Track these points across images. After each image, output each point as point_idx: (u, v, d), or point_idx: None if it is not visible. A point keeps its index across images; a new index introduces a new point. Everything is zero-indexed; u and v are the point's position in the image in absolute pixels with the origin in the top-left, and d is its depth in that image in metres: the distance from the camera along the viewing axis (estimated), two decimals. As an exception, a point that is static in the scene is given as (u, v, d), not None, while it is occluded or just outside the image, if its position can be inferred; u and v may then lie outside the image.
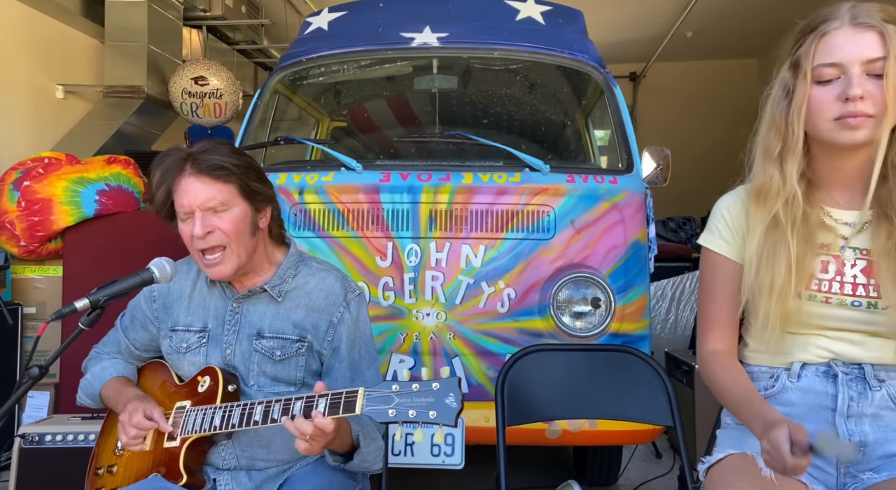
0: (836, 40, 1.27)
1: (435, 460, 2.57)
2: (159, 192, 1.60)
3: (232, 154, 1.58)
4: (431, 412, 1.30)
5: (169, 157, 1.58)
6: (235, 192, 1.57)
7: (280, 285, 1.66)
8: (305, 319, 1.65)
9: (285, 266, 1.69)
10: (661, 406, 2.02)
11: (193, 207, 1.55)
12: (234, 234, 1.57)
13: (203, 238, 1.55)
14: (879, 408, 1.30)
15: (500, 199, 2.70)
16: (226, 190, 1.56)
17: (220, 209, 1.56)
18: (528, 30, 3.22)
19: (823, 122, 1.27)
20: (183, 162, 1.56)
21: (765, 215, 1.32)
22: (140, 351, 1.81)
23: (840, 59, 1.26)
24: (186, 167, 1.56)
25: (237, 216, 1.57)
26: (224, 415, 1.53)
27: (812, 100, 1.28)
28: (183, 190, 1.55)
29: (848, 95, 1.23)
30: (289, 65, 3.23)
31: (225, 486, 1.61)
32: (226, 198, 1.56)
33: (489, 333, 2.66)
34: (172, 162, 1.57)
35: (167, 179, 1.58)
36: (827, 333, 1.33)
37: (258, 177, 1.64)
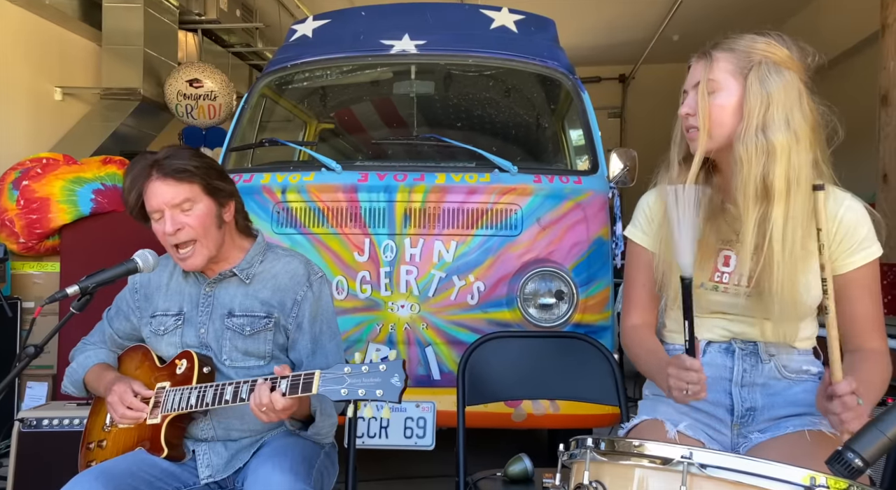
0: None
1: (407, 442, 2.75)
2: (131, 196, 1.77)
3: (193, 157, 1.76)
4: (378, 391, 1.47)
5: (137, 166, 1.76)
6: (199, 190, 1.74)
7: (248, 269, 1.84)
8: (272, 298, 1.82)
9: (252, 253, 1.86)
10: (610, 388, 2.19)
11: (162, 207, 1.73)
12: (201, 229, 1.75)
13: (174, 234, 1.73)
14: (768, 378, 1.48)
15: (471, 198, 2.87)
16: (189, 189, 1.73)
17: (186, 207, 1.73)
18: (501, 38, 3.40)
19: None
20: (150, 168, 1.73)
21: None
22: (122, 339, 1.98)
23: (686, 84, 1.51)
24: (153, 172, 1.72)
25: (202, 212, 1.75)
26: (199, 394, 1.70)
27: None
28: (152, 192, 1.72)
29: (685, 112, 1.48)
30: (275, 70, 3.40)
31: (203, 456, 1.78)
32: (190, 196, 1.73)
33: (460, 324, 2.83)
34: (140, 169, 1.74)
35: (136, 184, 1.75)
36: (727, 317, 1.51)
37: (219, 176, 1.81)
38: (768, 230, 1.35)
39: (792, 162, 1.36)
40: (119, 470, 1.61)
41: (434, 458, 3.07)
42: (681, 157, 1.51)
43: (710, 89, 1.42)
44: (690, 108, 1.45)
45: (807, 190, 1.37)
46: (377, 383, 1.46)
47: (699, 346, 1.44)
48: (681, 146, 1.51)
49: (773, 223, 1.35)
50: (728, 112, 1.41)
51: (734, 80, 1.41)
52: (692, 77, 1.48)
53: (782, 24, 8.38)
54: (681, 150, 1.51)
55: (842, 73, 6.89)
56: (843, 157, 1.55)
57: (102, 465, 1.65)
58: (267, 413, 1.54)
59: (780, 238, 1.34)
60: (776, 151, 1.35)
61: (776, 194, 1.35)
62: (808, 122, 1.40)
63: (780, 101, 1.38)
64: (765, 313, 1.42)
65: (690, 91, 1.47)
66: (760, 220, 1.37)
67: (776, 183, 1.35)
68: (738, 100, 1.40)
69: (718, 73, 1.42)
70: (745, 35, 1.46)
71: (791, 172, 1.36)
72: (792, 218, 1.34)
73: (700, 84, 1.43)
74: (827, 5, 7.28)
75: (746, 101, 1.39)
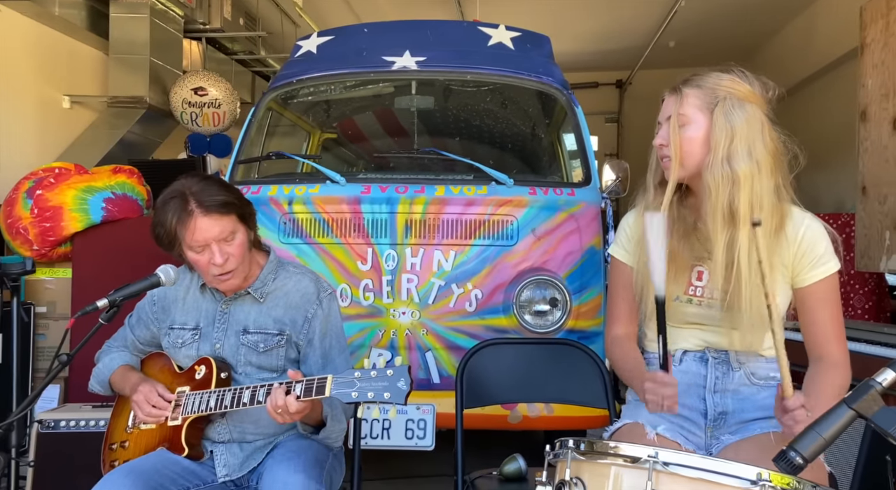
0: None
1: (408, 442, 2.88)
2: (168, 231, 1.83)
3: (224, 189, 1.87)
4: (386, 394, 1.62)
5: (171, 201, 1.81)
6: (237, 220, 1.86)
7: (262, 288, 1.97)
8: (284, 316, 1.95)
9: (266, 271, 1.99)
10: (599, 391, 2.33)
11: (209, 241, 1.82)
12: (241, 255, 1.87)
13: (223, 265, 1.84)
14: (739, 384, 1.62)
15: (469, 210, 3.01)
16: (231, 221, 1.84)
17: (229, 238, 1.84)
18: (498, 54, 3.53)
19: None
20: (186, 203, 1.79)
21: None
22: (143, 345, 2.11)
23: (660, 116, 1.64)
24: (193, 208, 1.79)
25: (241, 240, 1.87)
26: (218, 398, 1.84)
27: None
28: (198, 228, 1.79)
29: (658, 142, 1.62)
30: (281, 85, 3.54)
31: (220, 457, 1.92)
32: (233, 228, 1.84)
33: (458, 330, 2.96)
34: (177, 204, 1.80)
35: (176, 219, 1.80)
36: (702, 327, 1.64)
37: (246, 202, 1.93)
38: (735, 251, 1.49)
39: (755, 189, 1.50)
40: (146, 467, 1.75)
41: (434, 458, 3.21)
42: (656, 182, 1.65)
43: (681, 123, 1.56)
44: (664, 139, 1.59)
45: (769, 214, 1.51)
46: (385, 387, 1.60)
47: (671, 360, 1.58)
48: (656, 172, 1.65)
49: (740, 245, 1.48)
50: (697, 144, 1.55)
51: (702, 115, 1.55)
52: (665, 111, 1.62)
53: (774, 36, 8.53)
54: (656, 176, 1.65)
55: (828, 83, 7.04)
56: (829, 167, 1.68)
57: (130, 463, 1.79)
58: (282, 415, 1.68)
59: (746, 258, 1.48)
60: (740, 180, 1.49)
61: (741, 219, 1.48)
62: (770, 151, 1.54)
63: (743, 134, 1.52)
64: (733, 324, 1.56)
65: (664, 123, 1.61)
66: (729, 241, 1.51)
67: (741, 208, 1.49)
68: (705, 132, 1.55)
69: (688, 108, 1.56)
70: (711, 72, 1.60)
71: (754, 198, 1.50)
72: (755, 239, 1.48)
73: (672, 117, 1.57)
74: (818, 16, 7.42)
75: (713, 134, 1.53)
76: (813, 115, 7.37)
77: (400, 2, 7.28)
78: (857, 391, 1.02)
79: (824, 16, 7.21)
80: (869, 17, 3.34)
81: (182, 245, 1.85)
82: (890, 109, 3.19)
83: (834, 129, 6.31)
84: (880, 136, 3.26)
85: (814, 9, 7.41)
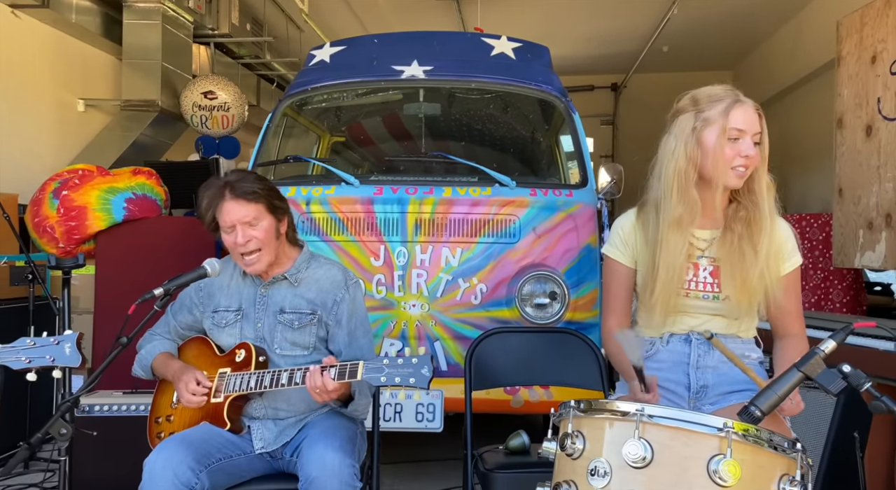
0: (742, 114, 1.76)
1: (418, 425, 3.11)
2: (208, 213, 2.14)
3: (258, 181, 2.14)
4: (411, 379, 1.85)
5: (211, 187, 2.14)
6: (264, 209, 2.12)
7: (296, 274, 2.21)
8: (316, 298, 2.19)
9: (300, 260, 2.24)
10: (595, 375, 2.56)
11: (234, 222, 2.09)
12: (265, 240, 2.12)
13: (244, 245, 2.11)
14: (718, 362, 1.85)
15: (475, 210, 3.25)
16: (256, 208, 2.10)
17: (254, 223, 2.10)
18: (501, 64, 3.77)
19: (723, 166, 1.77)
20: (223, 189, 2.10)
21: (662, 229, 1.85)
22: (183, 330, 2.34)
23: (745, 126, 1.76)
24: (226, 193, 2.10)
25: (266, 227, 2.12)
26: (258, 379, 2.07)
27: (724, 151, 1.77)
28: (226, 210, 2.09)
29: (743, 153, 1.76)
30: (296, 93, 3.77)
31: (257, 431, 2.14)
32: (257, 214, 2.10)
33: (465, 321, 3.20)
34: (215, 190, 2.12)
35: (213, 203, 2.13)
36: (688, 314, 1.87)
37: (278, 196, 2.19)
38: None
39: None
40: (195, 437, 1.99)
41: (441, 443, 3.44)
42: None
43: (760, 140, 1.79)
44: (752, 151, 1.77)
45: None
46: (410, 373, 1.84)
47: (654, 385, 1.74)
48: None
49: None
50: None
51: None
52: (748, 125, 1.77)
53: (761, 43, 8.79)
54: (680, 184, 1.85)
55: (814, 88, 7.28)
56: (816, 169, 1.93)
57: (182, 433, 2.02)
58: (320, 394, 1.91)
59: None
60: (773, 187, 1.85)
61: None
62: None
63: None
64: (725, 312, 1.81)
65: (748, 136, 1.77)
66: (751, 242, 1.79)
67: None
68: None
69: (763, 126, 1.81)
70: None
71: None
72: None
73: (762, 134, 1.78)
74: (804, 26, 7.66)
75: (764, 149, 1.79)
76: (800, 120, 7.63)
77: (401, 7, 7.51)
78: (804, 357, 1.26)
79: (809, 26, 7.46)
80: (844, 32, 3.58)
81: (219, 228, 2.13)
82: (863, 117, 3.43)
83: (821, 133, 6.55)
84: (855, 142, 3.50)
85: (799, 19, 7.67)
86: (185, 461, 1.88)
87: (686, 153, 1.81)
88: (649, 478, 1.22)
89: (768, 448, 1.23)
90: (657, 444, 1.23)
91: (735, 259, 1.81)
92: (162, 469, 1.85)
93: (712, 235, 1.86)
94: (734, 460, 1.18)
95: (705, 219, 1.86)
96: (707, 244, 1.87)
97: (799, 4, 7.41)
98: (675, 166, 1.82)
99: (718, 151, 1.76)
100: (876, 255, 3.30)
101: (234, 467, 2.05)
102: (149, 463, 1.89)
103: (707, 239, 1.87)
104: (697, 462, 1.20)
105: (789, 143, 7.57)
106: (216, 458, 1.99)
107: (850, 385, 1.18)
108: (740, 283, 1.79)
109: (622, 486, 1.23)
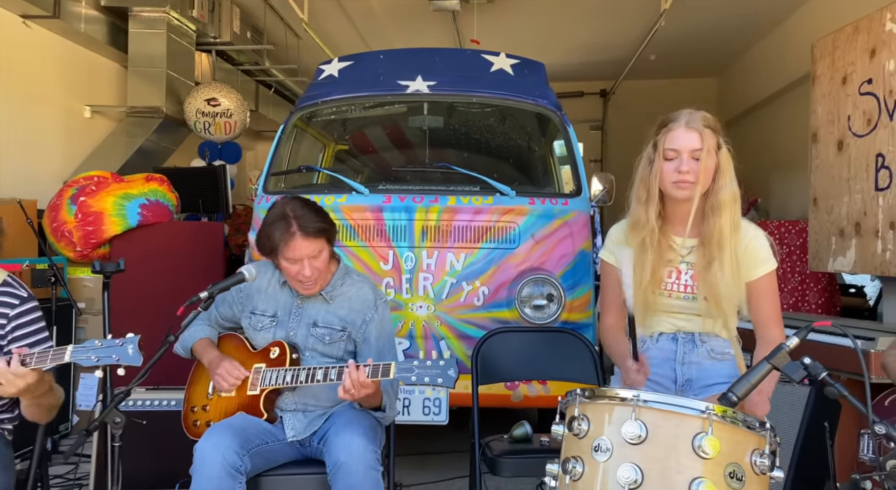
0: (676, 135, 2.05)
1: (425, 418, 3.34)
2: (270, 243, 2.28)
3: (319, 214, 2.31)
4: (439, 379, 2.06)
5: (278, 222, 2.26)
6: (325, 242, 2.32)
7: (331, 291, 2.42)
8: (347, 316, 2.41)
9: (336, 277, 2.44)
10: (590, 370, 2.81)
11: (303, 258, 2.27)
12: (323, 268, 2.33)
13: (310, 276, 2.29)
14: (701, 358, 2.09)
15: (477, 217, 3.48)
16: (321, 243, 2.30)
17: (318, 255, 2.30)
18: (500, 79, 4.01)
19: (667, 183, 2.05)
20: (289, 225, 2.24)
21: (636, 240, 2.10)
22: (223, 322, 2.56)
23: (678, 146, 2.04)
24: (295, 230, 2.24)
25: (326, 257, 2.33)
26: (294, 374, 2.28)
27: (662, 170, 2.06)
28: (296, 247, 2.24)
29: (679, 169, 2.02)
30: (307, 106, 3.99)
31: (288, 421, 2.37)
32: (321, 247, 2.30)
33: (468, 321, 3.43)
34: (284, 224, 2.25)
35: (282, 238, 2.25)
36: (673, 315, 2.11)
37: (333, 225, 2.38)
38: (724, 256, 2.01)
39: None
40: (238, 424, 2.22)
41: (443, 436, 3.66)
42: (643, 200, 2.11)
43: (700, 157, 2.01)
44: (689, 167, 2.00)
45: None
46: (438, 373, 2.06)
47: (644, 361, 2.02)
48: (652, 196, 2.06)
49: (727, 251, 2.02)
50: (710, 172, 2.03)
51: (714, 150, 2.04)
52: (684, 144, 2.01)
53: (744, 53, 9.09)
54: (652, 199, 2.06)
55: (794, 98, 7.55)
56: (794, 177, 2.16)
57: (227, 421, 2.24)
58: (356, 388, 2.11)
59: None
60: (738, 199, 2.05)
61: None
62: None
63: (731, 164, 2.05)
64: (699, 312, 2.06)
65: (684, 155, 2.00)
66: (719, 247, 2.02)
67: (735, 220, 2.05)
68: (714, 163, 2.03)
69: (706, 144, 2.02)
70: (707, 114, 2.05)
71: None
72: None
73: (703, 150, 2.00)
74: (785, 38, 7.95)
75: (722, 164, 2.03)
76: (781, 129, 7.90)
77: (398, 17, 7.72)
78: (773, 352, 1.50)
79: (790, 39, 7.74)
80: (818, 53, 3.84)
81: (279, 255, 2.30)
82: (835, 133, 3.69)
83: (801, 143, 6.83)
84: (828, 155, 3.76)
85: (780, 31, 7.96)
86: (232, 446, 2.11)
87: (640, 175, 2.11)
88: (644, 453, 1.46)
89: (742, 427, 1.47)
90: (651, 425, 1.47)
91: (704, 268, 2.04)
92: (212, 453, 2.07)
93: (691, 244, 2.10)
94: (714, 437, 1.42)
95: (682, 227, 2.09)
96: (687, 251, 2.11)
97: (780, 18, 7.70)
98: (635, 186, 2.13)
99: (658, 170, 2.04)
100: (846, 261, 3.57)
101: (269, 453, 2.27)
102: (199, 447, 2.11)
103: (687, 246, 2.11)
104: (684, 439, 1.44)
105: (774, 150, 7.85)
106: (255, 443, 2.22)
107: (809, 374, 1.43)
108: (711, 290, 2.03)
109: (621, 460, 1.47)
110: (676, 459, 1.44)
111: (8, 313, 2.15)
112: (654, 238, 2.05)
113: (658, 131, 2.07)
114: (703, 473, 1.42)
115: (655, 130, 2.09)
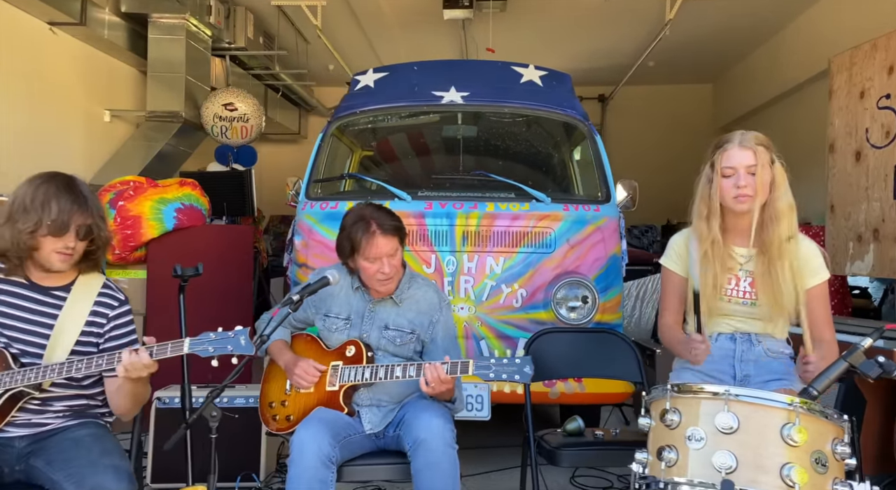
0: (731, 153, 2.25)
1: (469, 414, 3.50)
2: (352, 245, 2.45)
3: (395, 217, 2.50)
4: (516, 375, 2.22)
5: (358, 223, 2.45)
6: (398, 241, 2.49)
7: (400, 295, 2.59)
8: (415, 318, 2.57)
9: (404, 281, 2.60)
10: (633, 367, 2.99)
11: (382, 255, 2.44)
12: (399, 267, 2.51)
13: (387, 273, 2.46)
14: (759, 356, 2.29)
15: (515, 223, 3.65)
16: (396, 242, 2.48)
17: (394, 254, 2.47)
18: (530, 90, 4.18)
19: (727, 198, 2.25)
20: (369, 225, 2.43)
21: (699, 251, 2.29)
22: (297, 322, 2.71)
23: (734, 164, 2.24)
24: (375, 229, 2.42)
25: (400, 256, 2.51)
26: (372, 371, 2.43)
27: (722, 186, 2.26)
28: (377, 244, 2.41)
29: (738, 184, 2.23)
30: (345, 115, 4.14)
31: (365, 415, 2.53)
32: (398, 246, 2.48)
33: (507, 322, 3.60)
34: (363, 226, 2.43)
35: (363, 237, 2.42)
36: (732, 317, 2.31)
37: (404, 226, 2.55)
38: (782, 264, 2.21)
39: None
40: (326, 418, 2.37)
41: (487, 431, 3.80)
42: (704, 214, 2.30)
43: (756, 171, 2.21)
44: (746, 182, 2.21)
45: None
46: (514, 370, 2.22)
47: (706, 336, 2.22)
48: (713, 210, 2.26)
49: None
50: (766, 185, 2.23)
51: (769, 165, 2.24)
52: (738, 161, 2.22)
53: (742, 59, 9.34)
54: (714, 213, 2.27)
55: (794, 104, 7.80)
56: (798, 183, 2.35)
57: (317, 415, 2.39)
58: (437, 383, 2.28)
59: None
60: (794, 209, 2.27)
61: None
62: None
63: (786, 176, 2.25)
64: (757, 316, 2.25)
65: (741, 171, 2.21)
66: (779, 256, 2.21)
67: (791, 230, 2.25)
68: (770, 177, 2.24)
69: (760, 159, 2.23)
70: (759, 133, 2.25)
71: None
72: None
73: (758, 166, 2.20)
74: (782, 45, 8.20)
75: (776, 178, 2.23)
76: (780, 134, 8.13)
77: (407, 24, 7.87)
78: (849, 351, 1.69)
79: (787, 46, 8.00)
80: (836, 68, 4.06)
81: (359, 256, 2.46)
82: (853, 144, 3.91)
83: (801, 148, 7.08)
84: (845, 165, 3.99)
85: (777, 39, 8.21)
86: (325, 437, 2.27)
87: (699, 193, 2.33)
88: (737, 441, 1.64)
89: (823, 418, 1.66)
90: (742, 416, 1.65)
91: (764, 277, 2.24)
92: (309, 443, 2.23)
93: (749, 253, 2.29)
94: (802, 427, 1.61)
95: (740, 238, 2.29)
96: (745, 259, 2.30)
97: (776, 27, 7.95)
98: (695, 203, 2.34)
99: (717, 187, 2.25)
100: (864, 265, 3.79)
101: (352, 444, 2.43)
102: (296, 439, 2.27)
103: (745, 255, 2.30)
104: (773, 429, 1.62)
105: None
106: (342, 435, 2.38)
107: (884, 371, 1.62)
108: (770, 296, 2.22)
109: (716, 448, 1.65)
110: (766, 447, 1.62)
111: (108, 314, 2.29)
112: (716, 249, 2.24)
113: (714, 152, 2.26)
114: (792, 459, 1.60)
115: (711, 152, 2.28)
